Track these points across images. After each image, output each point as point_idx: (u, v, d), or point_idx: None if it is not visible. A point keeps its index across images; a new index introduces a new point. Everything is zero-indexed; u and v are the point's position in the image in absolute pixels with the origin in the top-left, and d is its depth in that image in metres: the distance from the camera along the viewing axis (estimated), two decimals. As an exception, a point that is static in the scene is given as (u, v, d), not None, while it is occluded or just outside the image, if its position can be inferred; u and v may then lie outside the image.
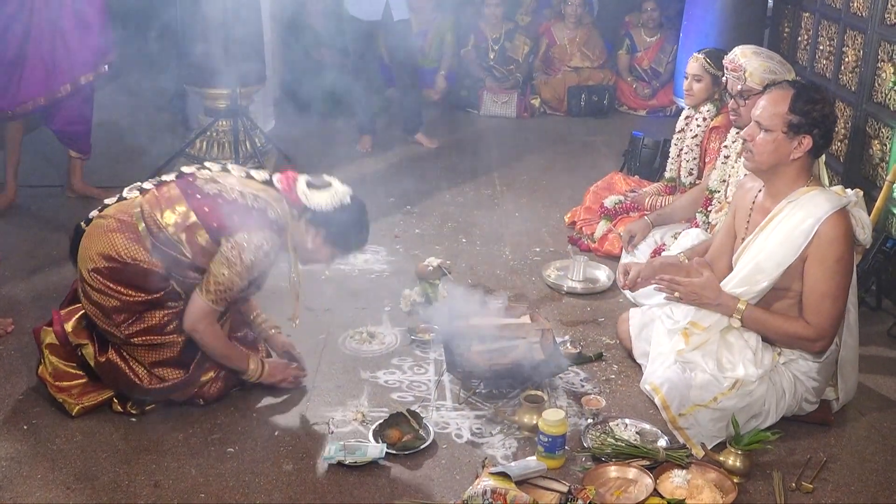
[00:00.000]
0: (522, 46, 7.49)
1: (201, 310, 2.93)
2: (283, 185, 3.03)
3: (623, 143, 5.83)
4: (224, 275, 2.88)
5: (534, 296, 4.06)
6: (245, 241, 2.87)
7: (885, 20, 4.23)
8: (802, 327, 2.85)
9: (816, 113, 2.79)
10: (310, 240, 3.05)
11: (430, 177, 5.64)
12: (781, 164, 2.86)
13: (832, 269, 2.78)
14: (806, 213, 2.80)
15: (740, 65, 3.60)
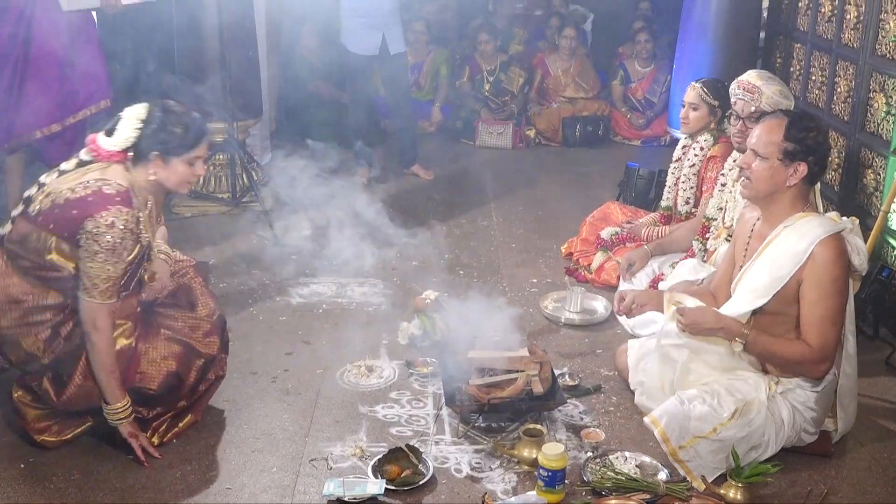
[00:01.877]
0: (517, 78, 7.55)
1: (92, 308, 2.82)
2: (95, 153, 2.89)
3: (618, 173, 5.86)
4: (93, 268, 2.78)
5: (531, 327, 4.06)
6: (94, 228, 2.76)
7: (876, 51, 4.28)
8: (806, 350, 2.86)
9: (811, 140, 2.84)
10: (154, 172, 2.90)
11: (427, 208, 5.66)
12: (778, 191, 2.90)
13: (828, 291, 2.81)
14: (800, 235, 2.84)
15: (756, 87, 3.66)
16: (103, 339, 2.84)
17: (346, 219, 5.42)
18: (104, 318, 2.83)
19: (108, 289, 2.81)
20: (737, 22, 5.40)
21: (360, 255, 4.84)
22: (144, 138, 2.87)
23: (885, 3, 4.21)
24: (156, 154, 2.87)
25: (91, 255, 2.77)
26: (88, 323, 2.83)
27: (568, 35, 7.56)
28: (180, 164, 2.92)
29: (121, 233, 2.77)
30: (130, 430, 2.95)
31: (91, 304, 2.81)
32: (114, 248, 2.77)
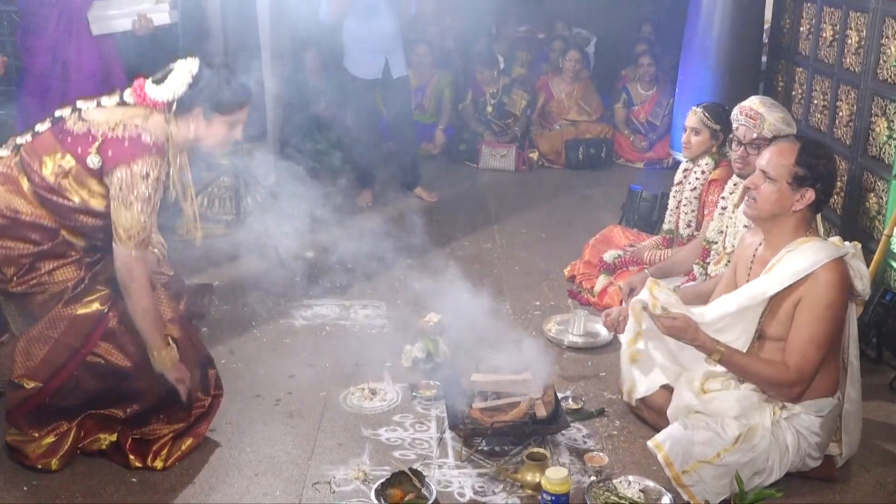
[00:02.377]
0: (520, 101, 7.59)
1: (127, 259, 2.84)
2: (139, 99, 2.91)
3: (621, 196, 5.87)
4: (128, 217, 2.81)
5: (535, 350, 4.05)
6: (129, 176, 2.78)
7: (878, 75, 4.31)
8: (782, 371, 2.85)
9: (822, 168, 2.85)
10: (194, 128, 2.93)
11: (430, 231, 5.67)
12: (783, 214, 2.90)
13: (822, 315, 2.81)
14: (803, 258, 2.84)
15: (759, 113, 3.68)
16: (141, 289, 2.86)
17: (350, 241, 5.45)
18: (140, 267, 2.86)
19: (143, 240, 2.84)
20: (739, 46, 5.43)
21: (364, 277, 4.86)
22: (192, 92, 2.88)
23: (886, 29, 4.23)
24: (199, 109, 2.89)
25: (126, 206, 2.79)
26: (125, 274, 2.84)
27: (572, 58, 7.60)
28: (221, 124, 2.95)
29: (154, 183, 2.80)
30: (177, 374, 3.00)
31: (128, 256, 2.83)
32: (149, 199, 2.80)
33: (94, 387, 2.96)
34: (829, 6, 4.92)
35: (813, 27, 5.11)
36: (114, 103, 2.93)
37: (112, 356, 2.94)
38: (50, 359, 2.89)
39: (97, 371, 2.94)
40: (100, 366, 2.93)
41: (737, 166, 3.84)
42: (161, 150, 2.84)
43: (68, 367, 2.90)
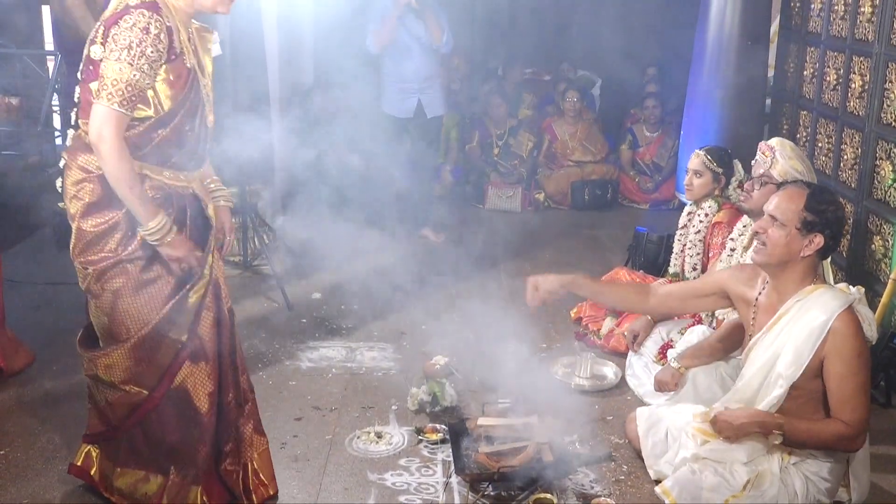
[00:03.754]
0: (526, 142, 7.64)
1: (106, 116, 2.58)
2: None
3: (627, 237, 5.89)
4: (107, 67, 2.57)
5: (542, 393, 4.04)
6: (116, 30, 2.57)
7: (882, 119, 4.34)
8: (841, 427, 2.81)
9: (830, 214, 2.85)
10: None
11: (436, 271, 5.68)
12: (791, 260, 2.89)
13: (855, 365, 2.79)
14: (818, 311, 2.83)
15: (772, 149, 3.74)
16: (111, 150, 2.59)
17: (356, 282, 5.46)
18: (111, 126, 2.58)
19: (116, 92, 2.57)
20: (743, 88, 5.48)
21: (370, 318, 4.87)
22: None
23: (890, 73, 4.27)
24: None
25: (107, 55, 2.58)
26: (94, 133, 2.59)
27: (571, 98, 7.66)
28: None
29: (140, 33, 2.56)
30: (170, 252, 2.73)
31: (97, 108, 2.59)
32: (129, 47, 2.55)
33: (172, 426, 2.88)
34: (832, 51, 4.97)
35: (817, 71, 5.16)
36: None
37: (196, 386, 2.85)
38: (159, 361, 2.80)
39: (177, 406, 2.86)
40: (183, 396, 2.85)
41: (741, 198, 3.89)
42: (151, 6, 2.60)
43: (170, 372, 2.81)
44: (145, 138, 2.68)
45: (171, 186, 2.77)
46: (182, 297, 2.79)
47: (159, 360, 2.80)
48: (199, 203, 2.88)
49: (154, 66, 2.61)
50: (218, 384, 2.91)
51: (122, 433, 2.90)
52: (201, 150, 2.86)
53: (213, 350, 2.88)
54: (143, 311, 2.76)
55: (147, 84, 2.61)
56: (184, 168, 2.81)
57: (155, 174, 2.73)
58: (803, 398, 2.90)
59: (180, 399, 2.85)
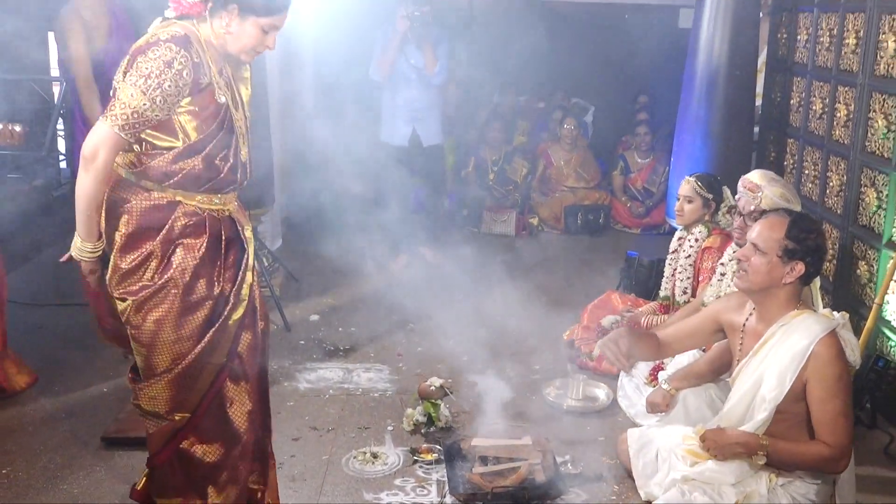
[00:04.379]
0: (521, 168, 7.69)
1: (103, 133, 2.55)
2: (176, 6, 2.68)
3: (618, 260, 5.92)
4: (121, 90, 2.55)
5: (534, 414, 4.06)
6: (142, 58, 2.55)
7: (866, 147, 4.38)
8: (824, 449, 2.82)
9: (811, 242, 2.87)
10: (229, 27, 2.69)
11: (431, 295, 5.70)
12: (773, 287, 2.92)
13: (836, 388, 2.80)
14: (800, 335, 2.85)
15: (759, 186, 3.75)
16: (98, 170, 2.56)
17: (353, 304, 5.48)
18: (107, 147, 2.56)
19: (121, 115, 2.53)
20: (731, 117, 5.51)
21: (367, 341, 4.88)
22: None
23: (874, 103, 4.32)
24: (234, 6, 2.67)
25: (126, 80, 2.56)
26: (90, 147, 2.55)
27: (568, 126, 7.73)
28: (254, 27, 2.71)
29: (162, 66, 2.53)
30: (91, 267, 2.71)
31: (101, 125, 2.56)
32: (148, 76, 2.52)
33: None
34: (818, 80, 5.02)
35: (803, 101, 5.21)
36: (156, 24, 2.70)
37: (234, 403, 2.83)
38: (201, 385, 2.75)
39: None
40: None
41: (735, 235, 3.90)
42: (179, 41, 2.58)
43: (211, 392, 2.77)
44: (174, 167, 2.66)
45: (205, 210, 2.73)
46: (223, 322, 2.74)
47: (200, 385, 2.76)
48: (236, 225, 2.84)
49: (169, 100, 2.58)
50: (256, 403, 2.89)
51: (156, 464, 2.85)
52: (238, 177, 2.81)
53: (253, 369, 2.86)
54: (186, 341, 2.71)
55: (156, 117, 2.58)
56: (219, 191, 2.76)
57: (187, 199, 2.70)
58: (789, 421, 2.91)
59: (221, 419, 2.81)
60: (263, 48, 2.77)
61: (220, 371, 2.77)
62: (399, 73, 5.95)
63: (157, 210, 2.66)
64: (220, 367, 2.77)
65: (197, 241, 2.69)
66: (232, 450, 2.81)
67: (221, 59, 2.75)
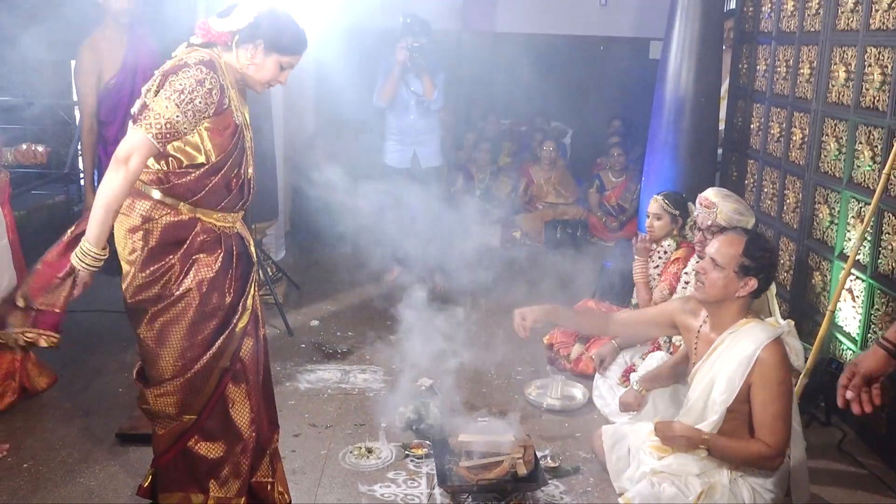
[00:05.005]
0: (505, 186, 7.70)
1: (135, 139, 2.53)
2: (204, 34, 2.71)
3: (595, 271, 5.91)
4: (155, 103, 2.54)
5: (517, 412, 4.03)
6: (174, 77, 2.56)
7: (819, 168, 4.39)
8: (763, 448, 2.82)
9: (765, 260, 2.88)
10: (253, 59, 2.72)
11: (423, 301, 5.67)
12: (727, 299, 2.92)
13: (777, 392, 2.80)
14: (747, 342, 2.84)
15: (713, 202, 3.76)
16: (128, 175, 2.54)
17: (351, 311, 5.46)
18: (140, 153, 2.54)
19: (156, 125, 2.53)
20: (697, 140, 5.52)
21: (363, 344, 4.86)
22: (256, 25, 2.70)
23: (826, 128, 4.34)
24: (261, 42, 2.70)
25: (159, 94, 2.56)
26: (123, 152, 2.53)
27: (548, 147, 7.74)
28: (274, 62, 2.75)
29: (195, 84, 2.55)
30: (87, 280, 2.64)
31: (135, 132, 2.54)
32: (182, 91, 2.54)
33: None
34: (776, 107, 5.04)
35: (762, 125, 5.23)
36: (182, 49, 2.73)
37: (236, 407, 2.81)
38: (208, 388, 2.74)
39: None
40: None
41: (697, 248, 3.90)
42: (209, 65, 2.60)
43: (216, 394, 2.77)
44: (199, 184, 2.66)
45: (220, 228, 2.74)
46: (231, 329, 2.74)
47: (208, 388, 2.75)
48: (243, 241, 2.85)
49: (198, 115, 2.59)
50: (257, 402, 2.88)
51: (161, 463, 2.84)
52: (245, 194, 2.82)
53: (254, 371, 2.85)
54: (197, 347, 2.70)
55: (185, 130, 2.58)
56: (231, 210, 2.77)
57: (206, 217, 2.70)
58: (738, 420, 2.91)
59: (223, 419, 2.81)
60: (276, 83, 2.82)
61: (223, 374, 2.76)
62: (400, 99, 5.91)
63: (180, 226, 2.66)
64: (225, 370, 2.76)
65: (213, 256, 2.69)
66: (234, 447, 2.80)
67: (237, 83, 2.77)
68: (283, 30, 2.75)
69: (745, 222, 3.75)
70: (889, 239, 3.73)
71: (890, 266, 3.73)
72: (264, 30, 2.70)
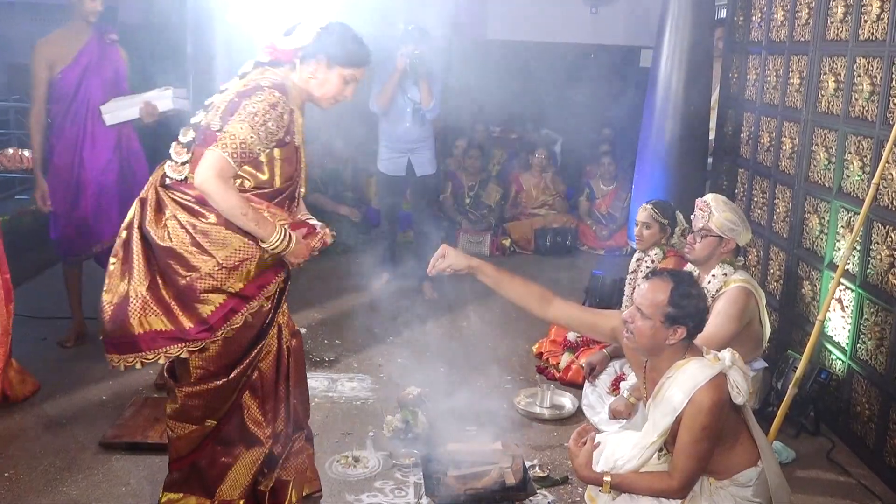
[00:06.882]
0: (494, 193, 7.71)
1: (215, 159, 2.62)
2: (271, 52, 2.82)
3: (584, 279, 5.92)
4: (230, 127, 2.64)
5: (505, 421, 4.04)
6: (247, 101, 2.66)
7: (809, 178, 4.42)
8: (666, 485, 2.78)
9: (692, 308, 2.76)
10: (315, 74, 2.82)
11: (412, 310, 5.68)
12: (658, 347, 2.82)
13: (698, 436, 2.73)
14: (680, 385, 2.76)
15: (708, 205, 3.77)
16: (218, 186, 2.62)
17: (338, 319, 5.45)
18: (217, 168, 2.62)
19: (231, 144, 2.62)
20: (687, 149, 5.56)
21: (351, 352, 4.85)
22: (320, 41, 2.79)
23: (816, 137, 4.37)
24: (323, 56, 2.80)
25: (238, 120, 2.65)
26: (202, 173, 2.62)
27: (539, 155, 7.77)
28: (338, 76, 2.83)
29: (267, 107, 2.65)
30: (293, 259, 2.81)
31: (211, 152, 2.63)
32: (255, 114, 2.63)
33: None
34: (766, 116, 5.08)
35: (752, 134, 5.26)
36: (251, 67, 2.83)
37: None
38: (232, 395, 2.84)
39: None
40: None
41: (686, 250, 3.92)
42: (281, 89, 2.71)
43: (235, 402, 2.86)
44: (272, 207, 2.77)
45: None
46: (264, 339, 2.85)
47: (232, 394, 2.83)
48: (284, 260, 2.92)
49: (270, 137, 2.68)
50: (273, 413, 2.95)
51: (180, 468, 2.90)
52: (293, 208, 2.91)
53: (271, 383, 2.93)
54: (235, 353, 2.80)
55: (258, 151, 2.68)
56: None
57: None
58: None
59: (239, 425, 2.88)
60: (342, 97, 2.90)
61: (245, 382, 2.85)
62: (397, 106, 5.89)
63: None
64: (246, 379, 2.85)
65: (279, 272, 2.83)
66: (247, 455, 2.88)
67: (302, 105, 2.88)
68: (344, 43, 2.82)
69: (737, 233, 3.76)
70: (878, 248, 3.76)
71: (879, 276, 3.75)
72: (326, 44, 2.79)
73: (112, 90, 4.56)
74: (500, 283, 3.26)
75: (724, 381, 2.75)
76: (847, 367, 3.98)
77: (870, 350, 3.82)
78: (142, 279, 2.67)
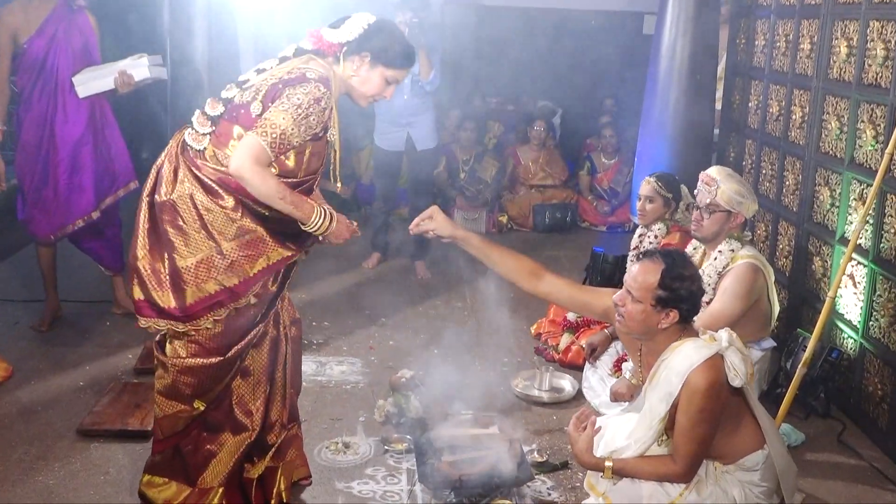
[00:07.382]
0: (490, 168, 7.67)
1: (253, 145, 2.65)
2: (316, 42, 2.87)
3: (585, 257, 5.90)
4: (271, 115, 2.67)
5: (502, 405, 4.04)
6: (291, 91, 2.70)
7: (820, 148, 4.41)
8: (673, 469, 2.79)
9: (684, 291, 2.74)
10: (358, 71, 2.88)
11: (404, 290, 5.67)
12: (651, 331, 2.81)
13: (696, 418, 2.73)
14: (675, 366, 2.75)
15: (714, 179, 3.74)
16: (254, 171, 2.64)
17: (327, 300, 5.44)
18: (253, 154, 2.64)
19: (270, 133, 2.65)
20: (692, 119, 5.52)
21: (340, 334, 4.84)
22: (366, 38, 2.84)
23: (827, 106, 4.35)
24: (367, 54, 2.85)
25: (277, 106, 2.68)
26: (237, 158, 2.65)
27: (538, 127, 7.73)
28: (380, 76, 2.90)
29: (312, 101, 2.69)
30: (334, 240, 2.90)
31: (249, 137, 2.66)
32: (299, 106, 2.67)
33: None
34: (775, 84, 5.05)
35: (761, 103, 5.24)
36: (292, 52, 2.87)
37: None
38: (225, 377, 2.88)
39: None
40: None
41: (692, 228, 3.90)
42: (326, 83, 2.76)
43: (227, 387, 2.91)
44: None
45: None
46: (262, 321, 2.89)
47: (225, 376, 2.86)
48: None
49: (309, 132, 2.73)
50: (265, 401, 2.97)
51: (161, 450, 2.93)
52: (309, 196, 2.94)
53: (264, 368, 2.95)
54: (235, 332, 2.82)
55: (296, 143, 2.72)
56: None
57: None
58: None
59: (226, 412, 2.91)
60: (381, 97, 2.97)
61: (238, 365, 2.88)
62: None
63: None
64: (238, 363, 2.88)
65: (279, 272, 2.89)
66: (232, 442, 2.90)
67: (338, 96, 2.89)
68: (390, 43, 2.89)
69: (745, 206, 3.75)
70: (892, 222, 3.75)
71: (893, 251, 3.75)
72: (372, 42, 2.85)
73: (82, 60, 4.50)
74: (487, 255, 3.27)
75: (721, 363, 2.74)
76: (859, 346, 3.98)
77: (883, 328, 3.82)
78: (142, 247, 2.74)
